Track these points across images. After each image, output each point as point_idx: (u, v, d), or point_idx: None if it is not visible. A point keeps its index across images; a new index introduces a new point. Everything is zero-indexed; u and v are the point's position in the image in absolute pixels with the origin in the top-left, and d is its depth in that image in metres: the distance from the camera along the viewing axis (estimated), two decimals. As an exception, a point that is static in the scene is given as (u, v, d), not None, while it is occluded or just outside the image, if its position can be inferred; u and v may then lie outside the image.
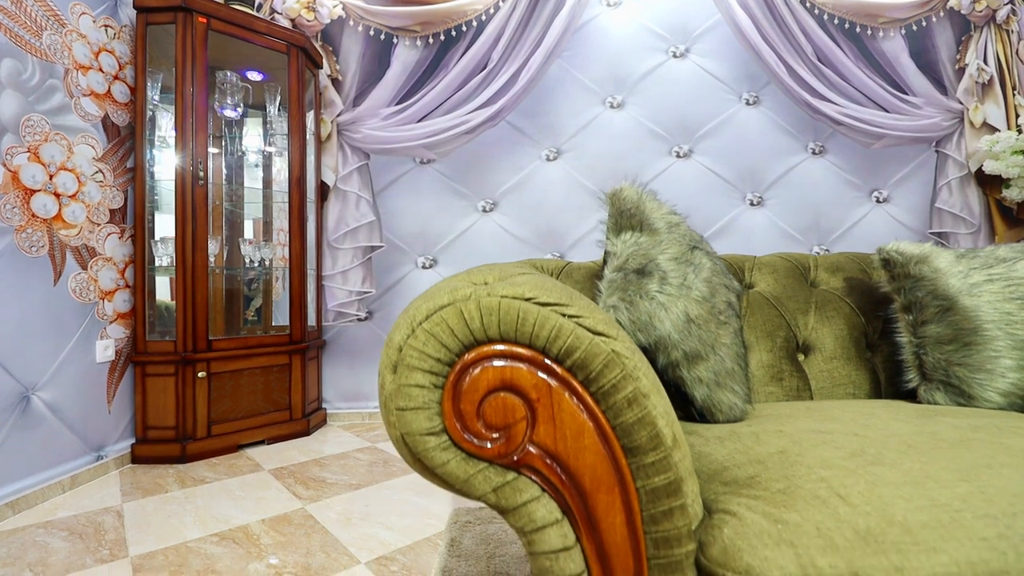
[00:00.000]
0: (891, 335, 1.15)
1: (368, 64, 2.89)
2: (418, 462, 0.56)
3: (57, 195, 1.92)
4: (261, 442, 2.46)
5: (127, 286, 2.25)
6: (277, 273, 2.97)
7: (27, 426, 1.79)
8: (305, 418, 2.60)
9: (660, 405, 0.54)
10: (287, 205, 2.63)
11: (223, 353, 2.32)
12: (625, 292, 0.86)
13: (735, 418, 0.90)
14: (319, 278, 2.87)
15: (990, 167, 2.82)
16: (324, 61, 2.86)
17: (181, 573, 1.36)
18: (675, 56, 2.94)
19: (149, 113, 2.40)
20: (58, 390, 1.91)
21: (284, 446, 2.45)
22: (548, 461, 0.50)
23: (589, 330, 0.54)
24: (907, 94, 3.00)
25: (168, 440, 2.22)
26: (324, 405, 2.88)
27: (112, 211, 2.18)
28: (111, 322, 2.16)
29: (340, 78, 2.88)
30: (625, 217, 0.99)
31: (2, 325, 1.72)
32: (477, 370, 0.53)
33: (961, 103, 3.02)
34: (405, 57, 2.89)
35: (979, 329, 1.01)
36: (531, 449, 0.51)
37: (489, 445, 0.51)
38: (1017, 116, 3.00)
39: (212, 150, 2.59)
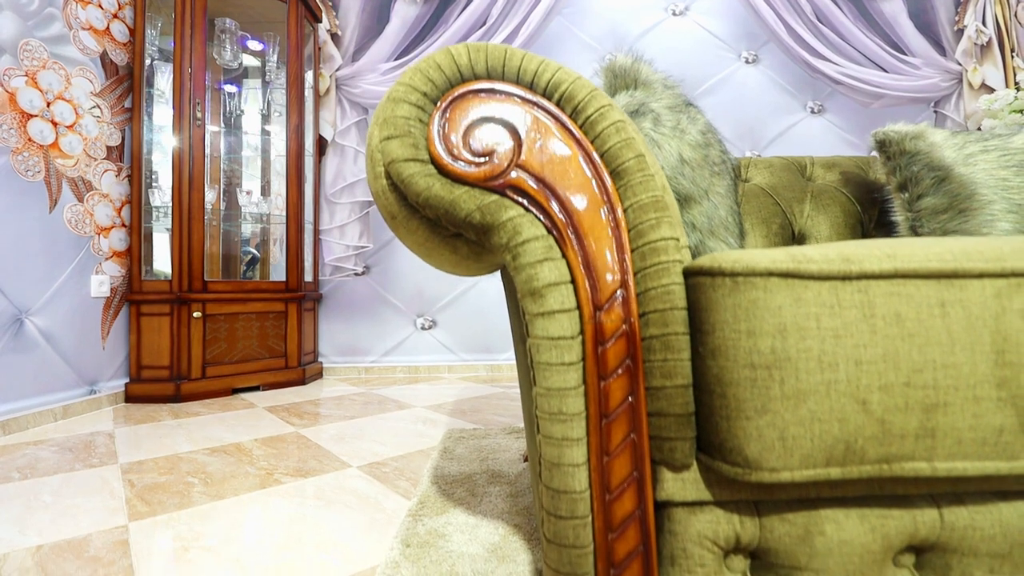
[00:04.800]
0: (886, 219, 1.15)
1: (367, 19, 2.90)
2: (402, 202, 0.55)
3: (54, 123, 1.92)
4: (256, 388, 2.45)
5: (123, 225, 2.24)
6: (274, 235, 2.96)
7: (20, 349, 1.78)
8: (301, 367, 2.58)
9: (649, 157, 0.53)
10: (284, 157, 2.62)
11: (219, 295, 2.31)
12: (618, 128, 0.85)
13: (729, 269, 0.89)
14: (316, 232, 2.86)
15: (988, 125, 2.82)
16: (324, 16, 2.87)
17: (171, 473, 1.35)
18: (674, 14, 2.95)
19: (148, 60, 2.41)
20: (52, 318, 1.90)
21: (279, 392, 2.43)
22: (534, 184, 0.50)
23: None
24: (906, 55, 3.01)
25: (162, 379, 2.20)
26: (320, 359, 2.86)
27: (109, 148, 2.17)
28: (107, 259, 2.15)
29: (339, 33, 2.89)
30: (619, 78, 0.99)
31: (-4, 244, 1.71)
32: (463, 101, 0.52)
33: (960, 64, 3.02)
34: (404, 13, 2.89)
35: (975, 195, 1.00)
36: (517, 173, 0.50)
37: (474, 169, 0.50)
38: (1016, 78, 3.00)
39: (212, 127, 2.59)
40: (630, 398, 0.46)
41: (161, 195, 2.36)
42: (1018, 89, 2.93)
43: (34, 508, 1.14)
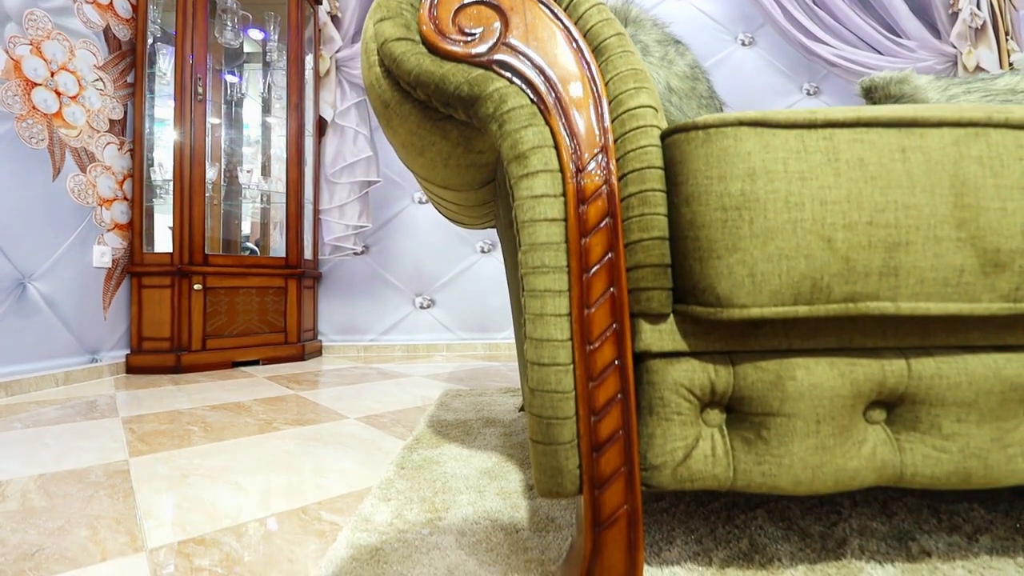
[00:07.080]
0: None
1: (367, 1, 2.93)
2: (394, 87, 0.57)
3: (58, 93, 1.94)
4: (255, 362, 2.47)
5: (125, 198, 2.27)
6: (275, 217, 2.98)
7: (23, 313, 1.80)
8: (300, 343, 2.60)
9: (636, 55, 0.56)
10: (284, 138, 2.65)
11: (219, 269, 2.33)
12: (607, 56, 0.88)
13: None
14: (316, 212, 2.89)
15: (983, 106, 2.84)
16: (324, -2, 2.90)
17: (171, 423, 1.37)
18: (671, -3, 2.98)
19: (150, 39, 2.44)
20: (54, 285, 1.92)
21: (279, 366, 2.45)
22: (520, 59, 0.52)
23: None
24: (901, 37, 3.03)
25: (163, 351, 2.23)
26: (320, 338, 2.89)
27: (112, 121, 2.20)
28: (108, 230, 2.17)
29: (339, 15, 2.92)
30: (610, 18, 1.01)
31: (0, 210, 1.73)
32: (453, -14, 0.54)
33: (954, 47, 3.04)
34: (404, -5, 2.92)
35: (958, 133, 1.02)
36: (504, 49, 0.52)
37: (462, 47, 0.52)
38: (1009, 60, 3.02)
39: (213, 117, 2.62)
40: (610, 254, 0.48)
41: (162, 172, 2.39)
42: (1012, 71, 2.95)
43: (36, 448, 1.16)
